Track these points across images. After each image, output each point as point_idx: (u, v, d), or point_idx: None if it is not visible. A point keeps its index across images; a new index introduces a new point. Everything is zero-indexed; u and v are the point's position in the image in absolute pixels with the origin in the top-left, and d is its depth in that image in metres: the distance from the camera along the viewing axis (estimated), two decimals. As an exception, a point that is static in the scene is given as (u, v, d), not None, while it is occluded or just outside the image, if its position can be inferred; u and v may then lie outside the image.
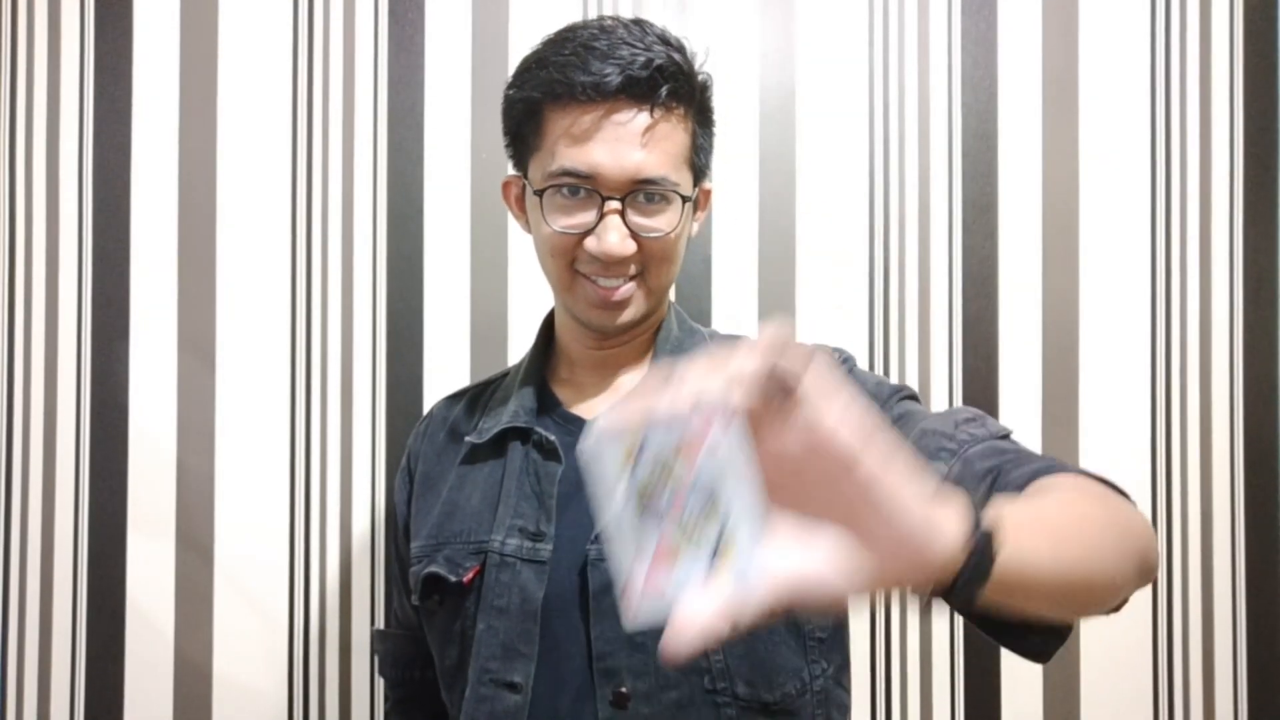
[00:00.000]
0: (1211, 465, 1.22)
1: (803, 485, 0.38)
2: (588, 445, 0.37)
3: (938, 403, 1.22)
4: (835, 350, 0.82)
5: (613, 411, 0.36)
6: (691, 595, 0.36)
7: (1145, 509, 1.22)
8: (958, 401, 1.22)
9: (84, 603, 1.22)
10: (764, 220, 1.23)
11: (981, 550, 0.40)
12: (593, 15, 1.23)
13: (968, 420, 0.69)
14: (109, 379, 1.22)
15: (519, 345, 1.22)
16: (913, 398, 0.77)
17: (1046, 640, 0.54)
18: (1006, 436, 0.68)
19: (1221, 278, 1.23)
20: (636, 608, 0.37)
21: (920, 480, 0.38)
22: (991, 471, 0.62)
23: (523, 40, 1.22)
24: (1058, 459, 0.63)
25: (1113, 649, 1.20)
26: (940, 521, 0.39)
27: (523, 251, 1.22)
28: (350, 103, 1.23)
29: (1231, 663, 1.22)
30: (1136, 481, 1.22)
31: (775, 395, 0.36)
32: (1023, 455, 0.64)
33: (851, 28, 1.23)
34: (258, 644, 1.20)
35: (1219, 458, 1.22)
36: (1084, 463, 1.22)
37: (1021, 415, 1.22)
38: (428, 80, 1.23)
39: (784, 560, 0.37)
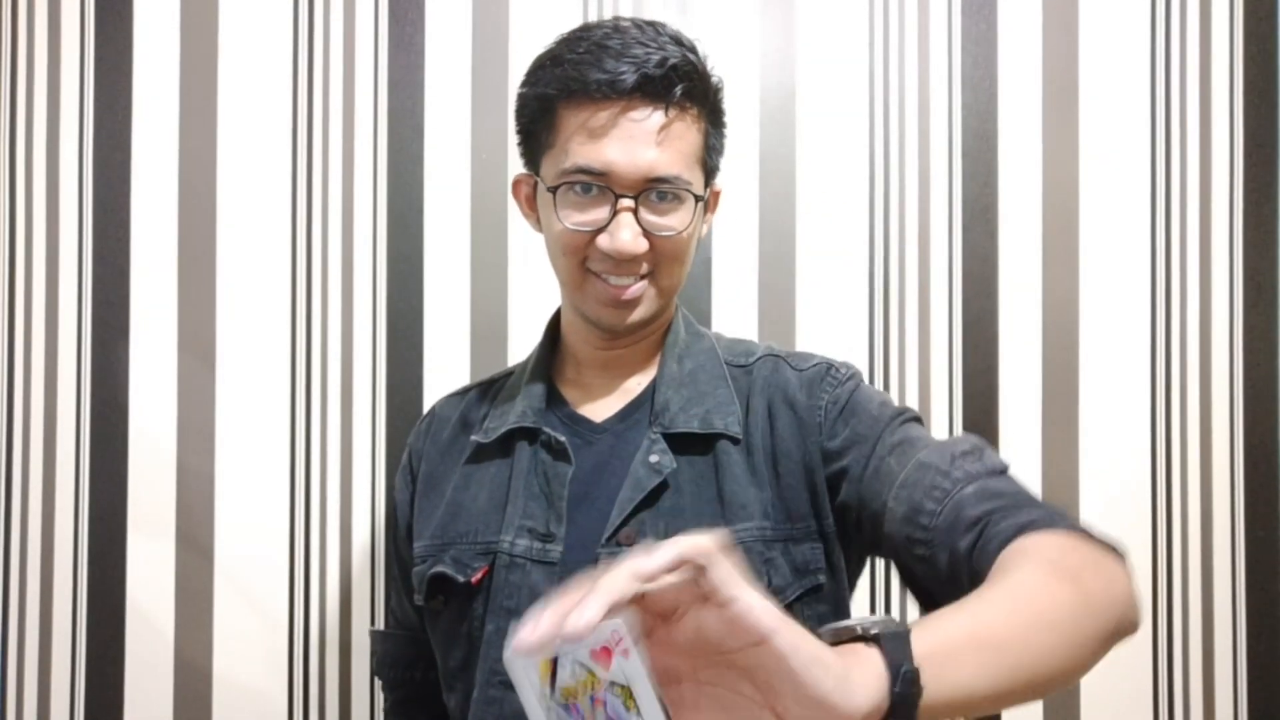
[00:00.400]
0: (1211, 465, 1.22)
1: (718, 670, 0.41)
2: (509, 658, 0.40)
3: (938, 404, 1.22)
4: (843, 366, 0.80)
5: (527, 629, 0.38)
6: None
7: (1145, 509, 1.22)
8: (958, 403, 1.22)
9: (84, 603, 1.22)
10: (764, 220, 1.23)
11: (904, 695, 0.42)
12: (593, 16, 1.23)
13: (965, 454, 0.68)
14: (109, 379, 1.22)
15: (519, 345, 1.22)
16: (916, 419, 0.76)
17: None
18: (1004, 472, 0.67)
19: (1221, 278, 1.23)
20: None
21: (828, 651, 0.40)
22: (980, 521, 0.62)
23: (523, 40, 1.22)
24: (1051, 507, 0.63)
25: (1113, 649, 1.20)
26: (857, 676, 0.41)
27: (523, 251, 1.22)
28: (350, 103, 1.23)
29: (1231, 663, 1.22)
30: (1136, 482, 1.22)
31: (683, 595, 0.40)
32: (1014, 502, 0.63)
33: (851, 28, 1.23)
34: (258, 644, 1.20)
35: (1219, 458, 1.22)
36: (1084, 464, 1.22)
37: (1021, 415, 1.22)
38: (428, 80, 1.23)
39: None
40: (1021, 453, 1.22)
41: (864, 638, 0.44)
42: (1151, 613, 1.21)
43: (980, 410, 1.22)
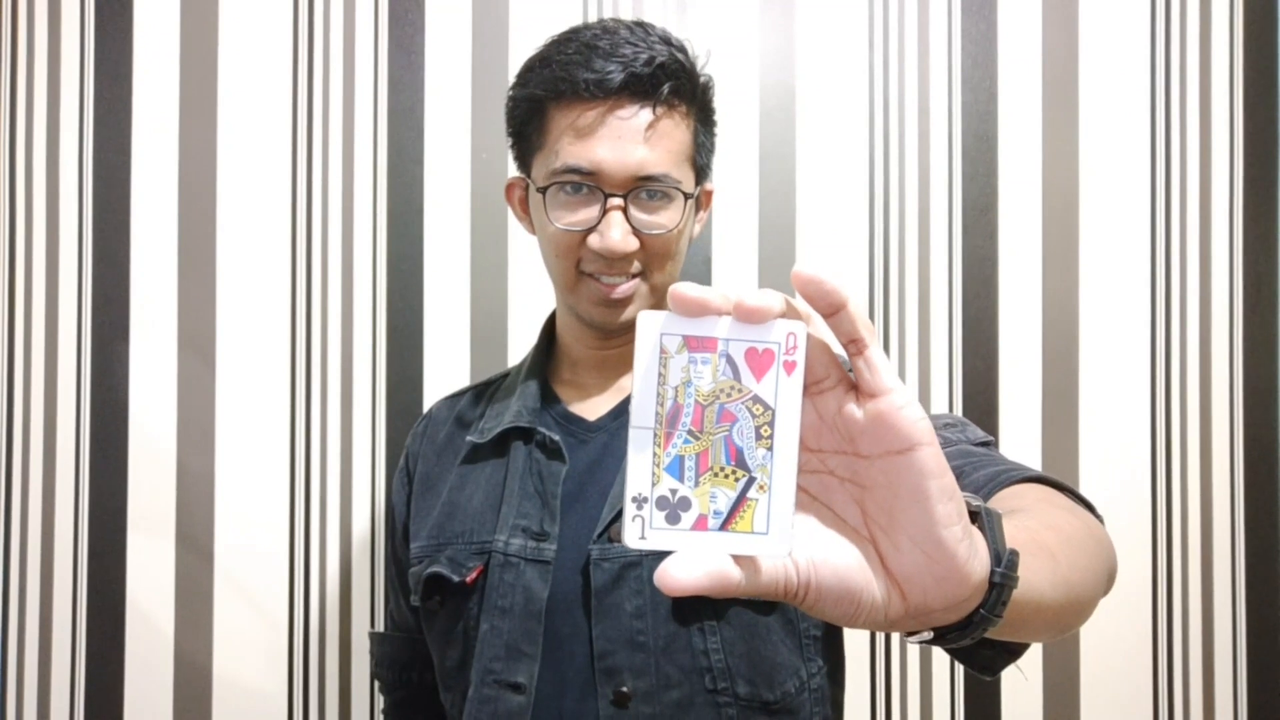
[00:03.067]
0: (1211, 465, 1.22)
1: (828, 481, 0.35)
2: (647, 313, 0.33)
3: (938, 403, 1.22)
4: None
5: (691, 287, 0.31)
6: (702, 538, 0.32)
7: (1145, 509, 1.22)
8: (958, 402, 1.22)
9: (84, 603, 1.22)
10: (764, 220, 1.23)
11: (1003, 580, 0.36)
12: (593, 16, 1.23)
13: (947, 425, 0.69)
14: (109, 379, 1.23)
15: (519, 345, 1.22)
16: None
17: (997, 656, 0.50)
18: (987, 444, 0.68)
19: (1221, 278, 1.23)
20: (640, 531, 0.33)
21: (961, 497, 0.34)
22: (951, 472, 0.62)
23: (523, 40, 1.22)
24: (1020, 464, 0.63)
25: (1113, 649, 1.20)
26: (978, 541, 0.35)
27: (523, 251, 1.22)
28: (350, 103, 1.23)
29: (1231, 663, 1.22)
30: (1136, 481, 1.22)
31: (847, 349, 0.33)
32: (987, 460, 0.63)
33: (851, 28, 1.23)
34: (258, 644, 1.20)
35: (1219, 458, 1.22)
36: (1084, 464, 1.22)
37: (1021, 415, 1.22)
38: (428, 80, 1.23)
39: (811, 546, 0.34)
40: (1021, 452, 1.22)
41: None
42: (1151, 612, 1.21)
43: (980, 410, 1.22)
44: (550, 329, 0.89)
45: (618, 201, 0.72)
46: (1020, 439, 1.22)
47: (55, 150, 1.24)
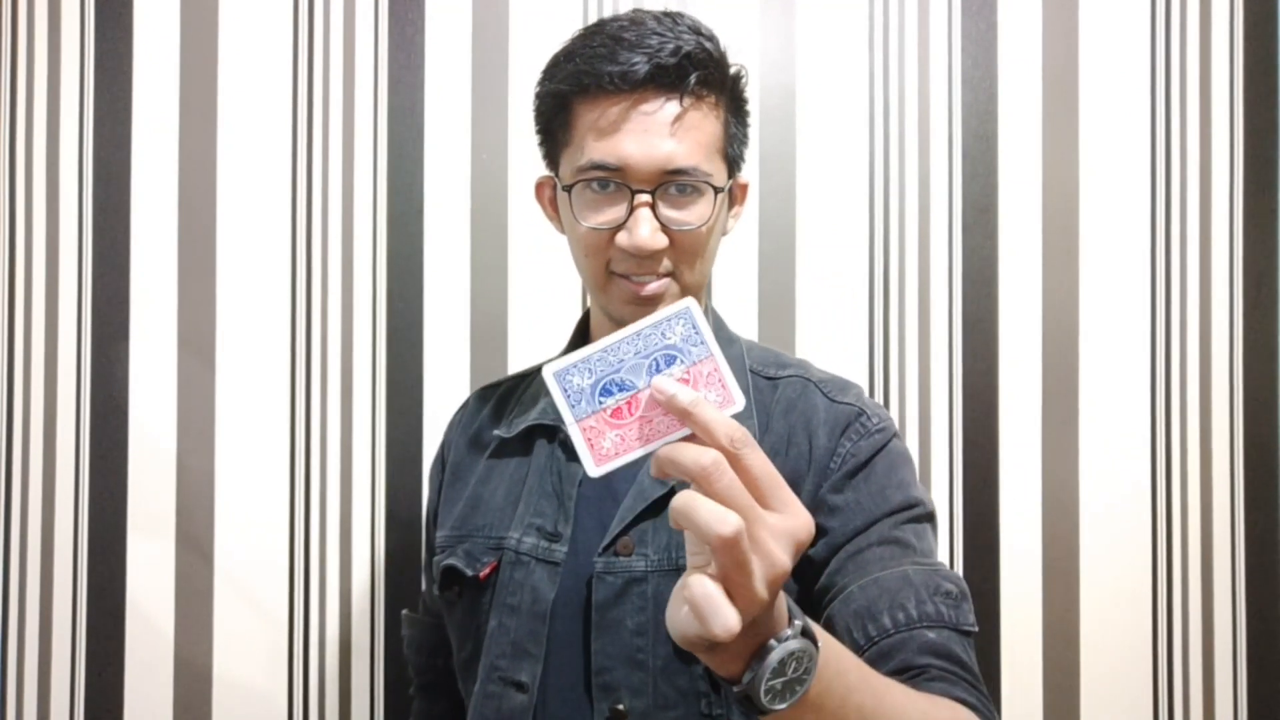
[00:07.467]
0: (1211, 465, 1.22)
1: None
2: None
3: (938, 404, 1.22)
4: (875, 415, 0.76)
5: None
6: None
7: (1145, 509, 1.22)
8: (958, 404, 1.22)
9: (84, 603, 1.22)
10: (764, 220, 1.23)
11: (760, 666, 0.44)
12: (593, 16, 1.23)
13: (947, 595, 0.66)
14: (109, 379, 1.22)
15: (519, 345, 1.22)
16: (922, 519, 0.73)
17: None
18: (969, 634, 0.65)
19: (1221, 278, 1.23)
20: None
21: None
22: (917, 671, 0.61)
23: (523, 40, 1.22)
24: (989, 702, 0.61)
25: (1113, 649, 1.20)
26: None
27: (523, 251, 1.22)
28: (350, 103, 1.23)
29: (1231, 663, 1.22)
30: (1136, 482, 1.22)
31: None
32: (960, 674, 0.62)
33: (851, 28, 1.23)
34: (258, 644, 1.20)
35: (1219, 458, 1.22)
36: (1084, 464, 1.22)
37: (1021, 415, 1.22)
38: (428, 80, 1.23)
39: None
40: (1021, 453, 1.22)
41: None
42: (1151, 612, 1.21)
43: (980, 410, 1.22)
44: (584, 328, 0.87)
45: (645, 198, 0.70)
46: (1020, 439, 1.22)
47: (55, 150, 1.24)
